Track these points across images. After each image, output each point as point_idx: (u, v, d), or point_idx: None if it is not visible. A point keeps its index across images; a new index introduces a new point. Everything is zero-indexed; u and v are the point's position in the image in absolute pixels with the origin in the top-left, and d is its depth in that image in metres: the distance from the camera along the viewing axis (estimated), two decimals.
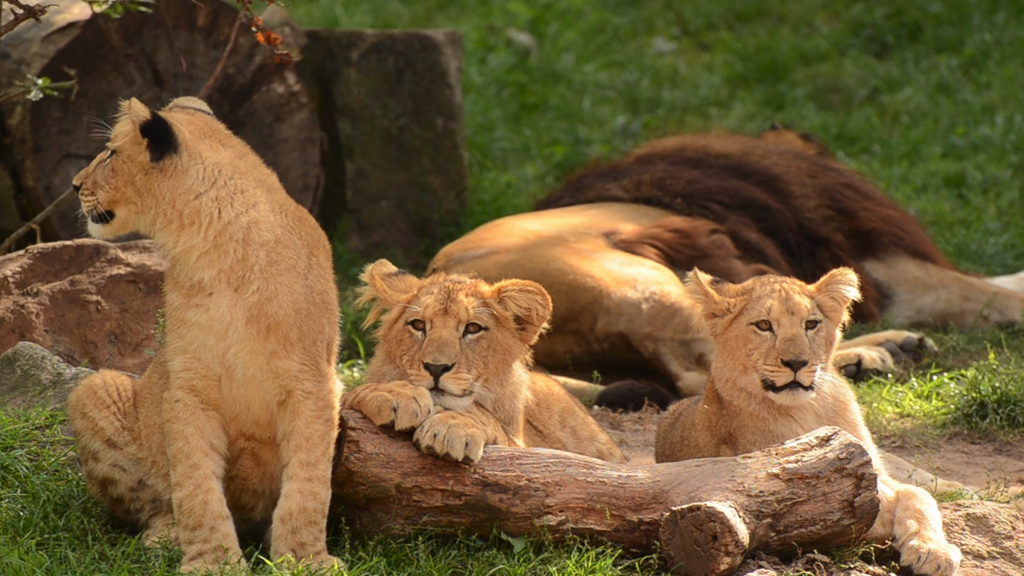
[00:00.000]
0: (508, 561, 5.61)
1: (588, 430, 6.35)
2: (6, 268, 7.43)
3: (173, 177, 5.52)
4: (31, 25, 9.57)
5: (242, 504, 5.74)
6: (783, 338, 6.00)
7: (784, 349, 5.98)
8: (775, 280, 6.12)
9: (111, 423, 5.89)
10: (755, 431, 6.05)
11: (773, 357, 6.00)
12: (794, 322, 6.01)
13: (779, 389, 5.99)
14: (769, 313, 6.03)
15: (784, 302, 6.03)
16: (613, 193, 9.77)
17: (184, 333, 5.54)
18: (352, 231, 11.01)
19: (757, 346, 6.03)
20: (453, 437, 5.65)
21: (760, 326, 6.04)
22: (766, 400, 6.03)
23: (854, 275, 6.13)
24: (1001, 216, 11.84)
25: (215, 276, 5.51)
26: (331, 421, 5.58)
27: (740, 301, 6.08)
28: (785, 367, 5.97)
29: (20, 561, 5.45)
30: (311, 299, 5.55)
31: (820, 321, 6.04)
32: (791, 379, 5.97)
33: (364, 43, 11.06)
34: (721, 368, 6.11)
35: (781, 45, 15.21)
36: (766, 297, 6.05)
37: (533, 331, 5.99)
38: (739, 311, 6.08)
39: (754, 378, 6.03)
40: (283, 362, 5.52)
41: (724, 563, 5.54)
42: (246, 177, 5.57)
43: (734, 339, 6.07)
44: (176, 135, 5.51)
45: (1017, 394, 7.78)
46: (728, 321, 6.08)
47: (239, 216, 5.52)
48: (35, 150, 9.70)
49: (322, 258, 5.63)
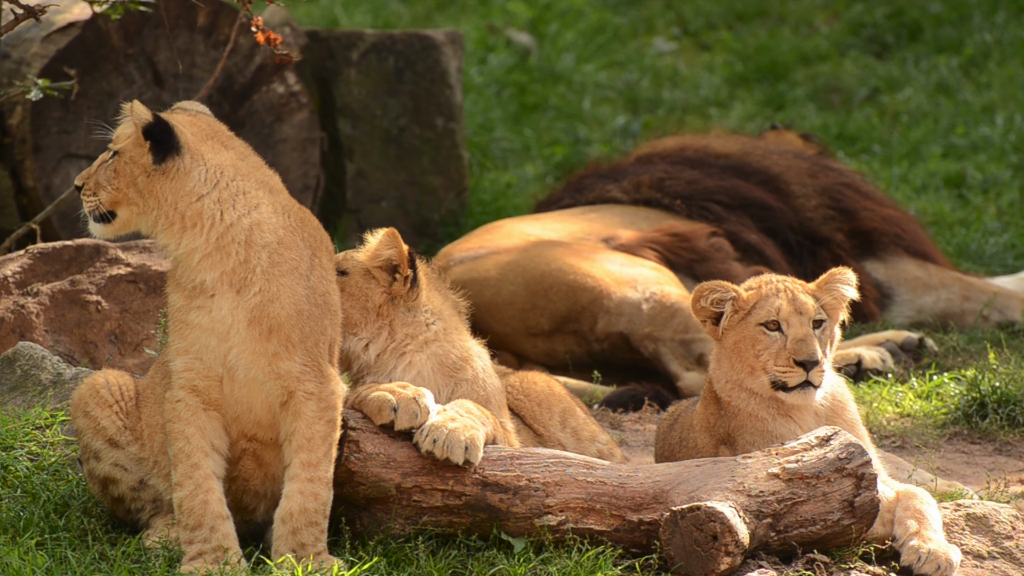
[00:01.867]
0: (508, 561, 5.61)
1: (589, 431, 6.35)
2: (6, 268, 7.43)
3: (175, 179, 5.52)
4: (31, 25, 9.57)
5: (244, 505, 5.74)
6: (794, 338, 5.98)
7: (796, 349, 5.97)
8: (778, 279, 6.10)
9: (113, 422, 5.89)
10: (754, 431, 6.04)
11: (784, 358, 5.98)
12: (803, 322, 6.00)
13: (790, 389, 5.98)
14: (778, 313, 6.01)
15: (792, 302, 6.02)
16: (613, 195, 9.77)
17: (186, 334, 5.54)
18: (352, 231, 11.01)
19: (767, 347, 6.01)
20: (453, 441, 5.64)
21: (769, 326, 6.03)
22: (772, 400, 6.02)
23: (853, 274, 6.12)
24: (1001, 216, 11.84)
25: (217, 278, 5.51)
26: (333, 422, 5.58)
27: (751, 297, 6.06)
28: (798, 367, 5.96)
29: (20, 561, 5.45)
30: (313, 300, 5.55)
31: (825, 320, 6.03)
32: (803, 379, 5.96)
33: (364, 43, 11.06)
34: (726, 370, 6.08)
35: (781, 45, 15.21)
36: (773, 297, 6.03)
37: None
38: (746, 312, 6.06)
39: (763, 379, 6.01)
40: (285, 363, 5.52)
41: (724, 563, 5.54)
42: (248, 179, 5.57)
43: (742, 340, 6.06)
44: (179, 137, 5.51)
45: (1017, 394, 7.78)
46: (735, 322, 6.06)
47: (241, 218, 5.51)
48: (35, 150, 9.70)
49: (325, 259, 5.63)
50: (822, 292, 6.09)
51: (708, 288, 6.09)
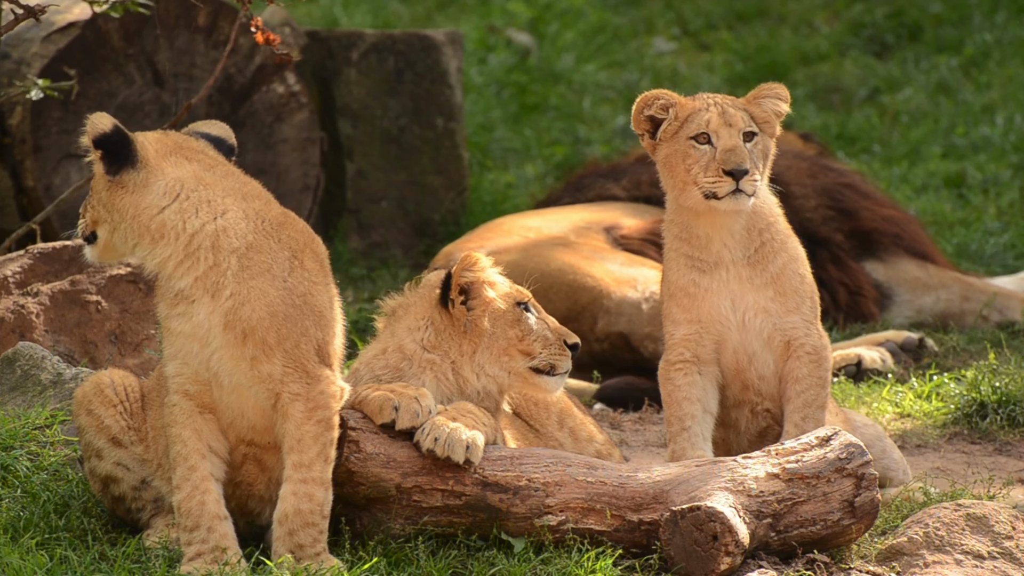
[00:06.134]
0: (508, 561, 5.61)
1: (586, 431, 6.35)
2: (6, 268, 7.44)
3: (135, 193, 5.57)
4: (31, 25, 9.57)
5: (249, 509, 5.76)
6: (724, 148, 6.04)
7: (725, 159, 6.03)
8: (709, 95, 6.15)
9: (117, 422, 5.91)
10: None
11: (714, 169, 6.03)
12: (732, 133, 6.06)
13: (721, 198, 6.02)
14: (707, 125, 6.06)
15: (722, 115, 6.07)
16: (613, 193, 9.77)
17: (172, 341, 5.59)
18: (352, 231, 11.01)
19: (696, 160, 6.06)
20: (454, 440, 5.65)
21: (699, 139, 6.07)
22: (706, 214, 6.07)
23: (785, 89, 6.18)
24: (1001, 216, 11.84)
25: (192, 283, 5.55)
26: (325, 422, 5.57)
27: (687, 107, 6.08)
28: (727, 176, 6.00)
29: (20, 561, 5.45)
30: (290, 302, 5.55)
31: (757, 133, 6.09)
32: (733, 187, 6.01)
33: (364, 43, 11.06)
34: (667, 191, 6.15)
35: (781, 45, 15.22)
36: (703, 111, 6.08)
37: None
38: (678, 126, 6.08)
39: (695, 193, 6.06)
40: (265, 367, 5.53)
41: (724, 563, 5.54)
42: (213, 188, 5.60)
43: (673, 155, 6.10)
44: (136, 150, 5.55)
45: (1017, 394, 7.78)
46: (669, 134, 6.10)
47: (205, 225, 5.55)
48: (35, 150, 9.70)
49: (308, 261, 5.62)
50: (752, 106, 6.15)
51: (654, 95, 6.14)
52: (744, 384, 6.17)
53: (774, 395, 6.17)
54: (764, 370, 6.16)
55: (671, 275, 6.22)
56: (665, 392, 6.18)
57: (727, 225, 6.14)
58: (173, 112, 9.92)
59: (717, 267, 6.15)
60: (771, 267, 6.16)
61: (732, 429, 6.24)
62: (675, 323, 6.19)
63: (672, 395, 6.15)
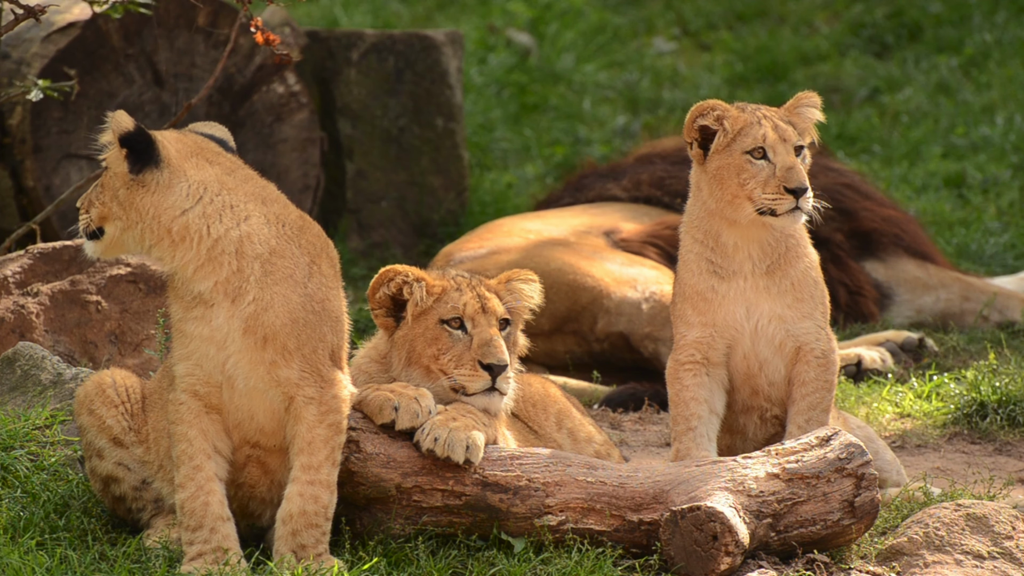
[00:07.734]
0: (508, 561, 5.61)
1: (585, 431, 6.35)
2: (6, 268, 7.44)
3: (156, 193, 5.54)
4: (31, 25, 9.57)
5: (251, 511, 5.76)
6: (784, 166, 5.98)
7: (787, 177, 5.97)
8: (755, 107, 6.08)
9: (118, 422, 5.90)
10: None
11: (774, 186, 5.98)
12: (788, 149, 6.02)
13: (779, 215, 5.99)
14: (764, 140, 6.00)
15: (775, 129, 6.01)
16: (613, 193, 9.77)
17: (186, 343, 5.57)
18: (352, 231, 11.01)
19: (753, 175, 6.01)
20: (454, 440, 5.65)
21: (754, 154, 6.02)
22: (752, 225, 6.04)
23: (818, 97, 6.12)
24: (1001, 216, 11.84)
25: (212, 287, 5.53)
26: (336, 426, 5.58)
27: (738, 121, 6.02)
28: (788, 194, 5.97)
29: (20, 561, 5.45)
30: (310, 307, 5.55)
31: (804, 147, 6.06)
32: (793, 205, 5.98)
33: (364, 43, 11.06)
34: (705, 198, 6.07)
35: (781, 45, 15.21)
36: (755, 125, 6.01)
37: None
38: (728, 141, 6.05)
39: (747, 207, 6.01)
40: (283, 371, 5.53)
41: (724, 563, 5.54)
42: (235, 192, 5.58)
43: (725, 168, 6.02)
44: (159, 150, 5.53)
45: (1017, 394, 7.78)
46: (721, 146, 6.03)
47: (229, 231, 5.53)
48: (35, 150, 9.70)
49: (324, 266, 5.63)
50: (793, 116, 6.10)
51: (709, 105, 6.07)
52: (754, 390, 6.15)
53: (783, 401, 6.16)
54: (775, 376, 6.14)
55: (688, 277, 6.17)
56: (672, 391, 6.16)
57: (758, 237, 6.08)
58: (173, 112, 9.92)
59: (736, 275, 6.11)
60: (791, 273, 6.11)
61: (740, 435, 6.22)
62: (688, 324, 6.15)
63: (680, 394, 6.13)
